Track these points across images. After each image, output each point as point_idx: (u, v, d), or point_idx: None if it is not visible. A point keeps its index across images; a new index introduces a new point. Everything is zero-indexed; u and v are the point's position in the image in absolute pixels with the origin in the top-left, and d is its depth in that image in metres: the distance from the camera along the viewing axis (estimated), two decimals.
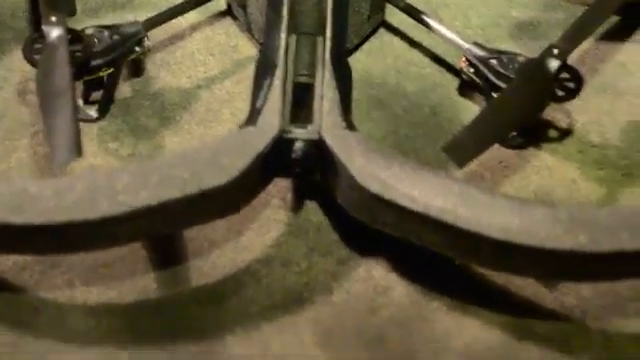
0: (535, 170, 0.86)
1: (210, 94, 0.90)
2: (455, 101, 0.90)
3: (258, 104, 0.74)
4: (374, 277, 0.77)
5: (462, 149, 0.74)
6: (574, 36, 0.83)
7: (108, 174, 0.69)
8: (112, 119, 0.87)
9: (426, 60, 0.94)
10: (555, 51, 0.80)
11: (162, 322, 0.72)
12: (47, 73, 0.75)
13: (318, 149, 0.73)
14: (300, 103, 0.77)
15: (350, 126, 0.74)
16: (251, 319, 0.72)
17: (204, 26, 0.96)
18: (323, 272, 0.76)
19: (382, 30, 0.97)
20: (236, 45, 0.95)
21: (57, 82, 0.74)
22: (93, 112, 0.86)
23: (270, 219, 0.79)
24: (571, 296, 0.75)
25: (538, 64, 0.80)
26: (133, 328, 0.71)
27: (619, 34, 0.98)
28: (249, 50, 0.94)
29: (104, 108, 0.86)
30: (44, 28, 0.78)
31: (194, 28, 0.95)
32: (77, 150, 0.70)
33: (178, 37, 0.94)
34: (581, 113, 0.89)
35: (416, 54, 0.95)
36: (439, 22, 0.93)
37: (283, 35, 0.77)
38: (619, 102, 0.93)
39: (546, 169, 0.86)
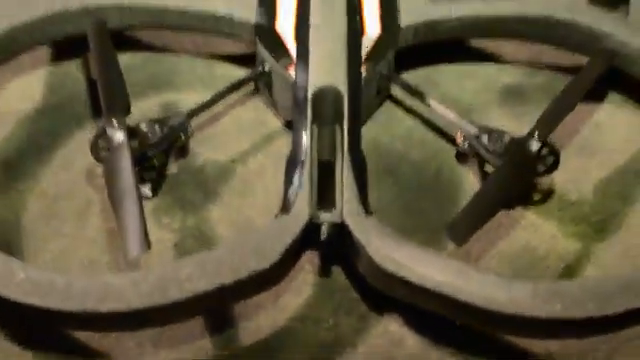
0: (522, 228, 1.01)
1: (244, 167, 1.05)
2: (454, 166, 1.06)
3: (290, 195, 0.90)
4: (390, 331, 0.93)
5: (461, 230, 0.90)
6: (552, 119, 0.99)
7: (174, 266, 0.86)
8: (163, 196, 1.01)
9: (428, 130, 1.09)
10: (536, 134, 0.96)
11: None
12: (113, 173, 0.90)
13: (341, 230, 0.90)
14: (324, 184, 0.93)
15: (367, 211, 0.90)
16: None
17: (236, 105, 1.11)
18: (349, 328, 0.93)
19: (388, 102, 1.13)
20: (264, 120, 1.09)
21: (123, 182, 0.89)
22: (148, 191, 1.01)
23: (303, 282, 0.96)
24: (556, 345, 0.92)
25: (521, 146, 0.96)
26: None
27: (596, 96, 1.14)
28: (275, 124, 1.09)
29: (156, 187, 1.02)
30: (107, 130, 0.94)
31: (227, 107, 1.11)
32: (146, 245, 0.86)
33: (214, 116, 1.09)
34: (561, 173, 1.03)
35: (418, 124, 1.09)
36: (437, 99, 1.08)
37: (307, 136, 0.93)
38: (593, 161, 1.07)
39: (531, 226, 1.01)
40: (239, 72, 1.12)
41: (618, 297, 0.82)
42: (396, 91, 1.11)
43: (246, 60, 1.13)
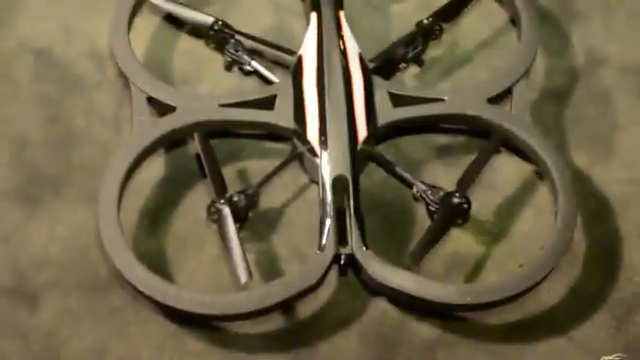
0: (451, 240, 1.69)
1: (289, 209, 1.71)
2: (412, 203, 1.75)
3: (323, 240, 1.63)
4: (380, 306, 1.61)
5: (417, 256, 1.64)
6: (467, 180, 1.73)
7: (263, 288, 1.60)
8: (245, 230, 1.68)
9: (394, 181, 1.77)
10: (456, 194, 1.71)
11: None
12: (225, 235, 1.64)
13: (353, 257, 1.64)
14: (341, 231, 1.62)
15: (367, 246, 1.63)
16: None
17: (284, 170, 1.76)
18: (357, 304, 1.63)
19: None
20: (300, 178, 1.77)
21: (232, 241, 1.62)
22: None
23: (330, 281, 1.69)
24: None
25: (449, 200, 1.70)
26: None
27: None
28: (306, 180, 1.78)
29: (241, 226, 1.73)
30: (217, 206, 1.67)
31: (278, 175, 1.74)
32: (250, 274, 1.60)
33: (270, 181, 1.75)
34: (474, 203, 1.72)
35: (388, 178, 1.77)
36: (398, 157, 1.79)
37: (329, 204, 1.65)
38: (493, 193, 1.73)
39: (457, 239, 1.67)
40: (278, 146, 1.78)
41: (491, 294, 1.57)
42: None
43: (280, 138, 1.78)
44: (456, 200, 1.67)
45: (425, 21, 1.88)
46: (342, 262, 1.60)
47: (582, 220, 1.73)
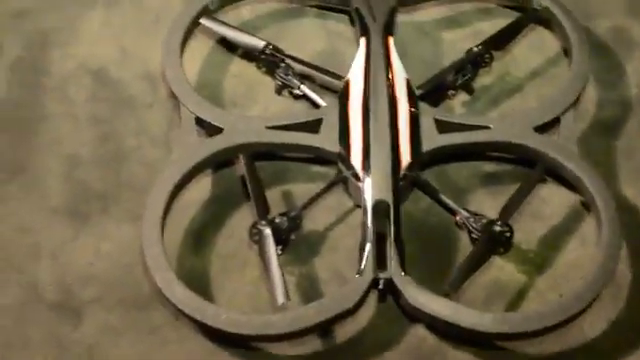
0: (493, 268, 1.67)
1: (333, 233, 1.72)
2: (455, 230, 1.74)
3: (362, 265, 1.63)
4: (419, 333, 1.62)
5: (455, 284, 1.64)
6: (510, 209, 1.72)
7: (301, 309, 1.61)
8: (287, 253, 1.70)
9: (439, 208, 1.78)
10: (498, 222, 1.70)
11: None
12: (265, 256, 1.65)
13: (391, 282, 1.64)
14: (381, 256, 1.63)
15: (405, 272, 1.64)
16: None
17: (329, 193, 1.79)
18: (395, 330, 1.64)
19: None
20: (344, 202, 1.77)
21: (271, 263, 1.63)
22: (279, 250, 1.74)
23: (370, 305, 1.69)
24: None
25: (490, 228, 1.70)
26: None
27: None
28: (350, 204, 1.77)
29: (283, 248, 1.74)
30: (259, 227, 1.69)
31: (322, 198, 1.77)
32: (288, 297, 1.61)
33: (314, 204, 1.78)
34: (517, 232, 1.67)
35: (433, 204, 1.78)
36: (444, 183, 1.80)
37: (371, 229, 1.65)
38: (538, 223, 1.73)
39: (499, 267, 1.67)
40: (322, 169, 1.80)
41: (528, 323, 1.56)
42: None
43: (325, 162, 1.80)
44: (498, 228, 1.66)
45: (475, 49, 1.88)
46: (380, 287, 1.59)
47: (628, 252, 1.71)
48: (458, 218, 1.72)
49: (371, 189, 1.67)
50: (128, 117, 1.91)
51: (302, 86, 1.88)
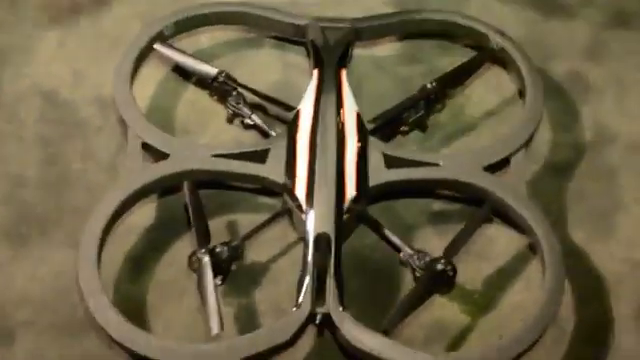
0: (436, 307, 1.67)
1: (275, 265, 1.70)
2: (398, 267, 1.71)
3: (300, 298, 1.60)
4: None
5: (394, 322, 1.60)
6: (453, 248, 1.70)
7: (236, 340, 1.58)
8: (228, 284, 1.68)
9: (385, 244, 1.74)
10: (441, 260, 1.68)
11: None
12: (202, 284, 1.62)
13: (329, 317, 1.61)
14: (319, 290, 1.57)
15: (344, 307, 1.60)
16: None
17: (272, 226, 1.76)
18: None
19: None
20: (288, 234, 1.74)
21: (208, 291, 1.60)
22: (218, 281, 1.69)
23: (308, 339, 1.64)
24: None
25: (432, 266, 1.67)
26: None
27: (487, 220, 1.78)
28: (294, 236, 1.75)
29: (224, 279, 1.72)
30: (198, 255, 1.65)
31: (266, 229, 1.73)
32: (222, 326, 1.58)
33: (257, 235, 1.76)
34: (463, 271, 1.64)
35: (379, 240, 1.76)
36: (390, 221, 1.78)
37: (310, 262, 1.62)
38: (483, 263, 1.71)
39: (442, 306, 1.65)
40: (270, 200, 1.77)
41: None
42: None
43: (273, 193, 1.77)
44: (440, 266, 1.63)
45: (429, 85, 1.86)
46: (317, 321, 1.56)
47: (574, 297, 1.69)
48: (402, 255, 1.70)
49: (313, 221, 1.64)
50: (76, 140, 1.89)
51: (253, 116, 1.86)
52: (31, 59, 2.01)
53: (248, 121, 1.87)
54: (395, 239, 1.70)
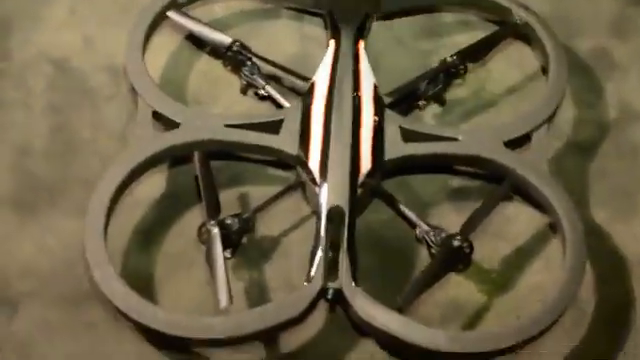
0: (451, 286, 1.61)
1: (287, 239, 1.64)
2: (414, 244, 1.67)
3: (312, 272, 1.56)
4: (366, 348, 1.53)
5: (409, 299, 1.55)
6: (470, 225, 1.65)
7: (246, 313, 1.53)
8: (238, 256, 1.62)
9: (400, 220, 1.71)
10: (458, 237, 1.62)
11: None
12: (211, 256, 1.57)
13: (341, 293, 1.56)
14: (332, 265, 1.53)
15: (357, 283, 1.55)
16: None
17: (284, 197, 1.71)
18: (344, 342, 1.55)
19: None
20: (301, 208, 1.68)
21: (217, 264, 1.56)
22: (228, 254, 1.65)
23: (320, 315, 1.58)
24: None
25: (448, 242, 1.62)
26: None
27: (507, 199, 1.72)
28: (307, 210, 1.68)
29: (234, 252, 1.67)
30: (207, 226, 1.61)
31: (278, 203, 1.68)
32: (231, 300, 1.53)
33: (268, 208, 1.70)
34: (479, 250, 1.59)
35: (395, 216, 1.72)
36: (406, 197, 1.73)
37: (323, 236, 1.57)
38: (501, 242, 1.66)
39: (457, 285, 1.60)
40: (282, 173, 1.73)
41: (482, 344, 1.47)
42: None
43: (286, 166, 1.72)
44: (457, 243, 1.58)
45: (449, 59, 1.80)
46: (329, 297, 1.51)
47: (594, 277, 1.64)
48: (418, 231, 1.65)
49: (327, 194, 1.59)
50: (86, 109, 1.84)
51: (267, 86, 1.81)
52: (40, 26, 1.96)
53: (262, 92, 1.82)
54: (411, 214, 1.65)
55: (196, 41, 1.93)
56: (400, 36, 1.97)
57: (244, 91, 1.85)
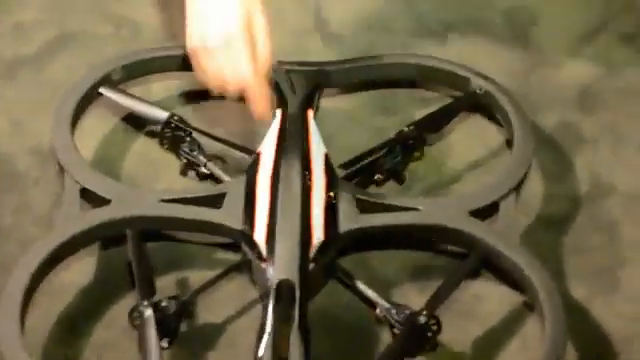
0: None
1: (232, 326, 1.46)
2: (375, 326, 1.50)
3: (259, 353, 1.36)
4: None
5: None
6: (436, 300, 1.47)
7: None
8: (176, 347, 1.44)
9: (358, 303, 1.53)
10: (423, 313, 1.44)
11: None
12: (144, 341, 1.37)
13: None
14: (282, 338, 1.33)
15: None
16: None
17: (229, 280, 1.55)
18: None
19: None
20: (247, 293, 1.53)
21: (150, 347, 1.35)
22: (165, 344, 1.47)
23: None
24: None
25: (412, 321, 1.44)
26: None
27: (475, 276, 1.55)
28: (254, 294, 1.51)
29: (171, 341, 1.47)
30: (140, 308, 1.42)
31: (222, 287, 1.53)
32: None
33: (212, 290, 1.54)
34: (448, 332, 1.43)
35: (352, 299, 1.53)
36: (366, 277, 1.56)
37: (270, 314, 1.38)
38: (473, 323, 1.48)
39: None
40: (226, 256, 1.56)
41: None
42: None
43: (230, 247, 1.56)
44: (423, 319, 1.40)
45: (405, 129, 1.66)
46: None
47: (576, 357, 1.45)
48: (378, 311, 1.47)
49: (275, 268, 1.41)
50: (11, 194, 1.68)
51: (209, 163, 1.66)
52: None
53: (204, 170, 1.66)
54: (370, 292, 1.48)
55: (133, 122, 1.78)
56: (352, 113, 1.83)
57: (184, 172, 1.70)
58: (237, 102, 1.72)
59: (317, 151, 1.60)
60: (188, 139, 1.69)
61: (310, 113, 1.67)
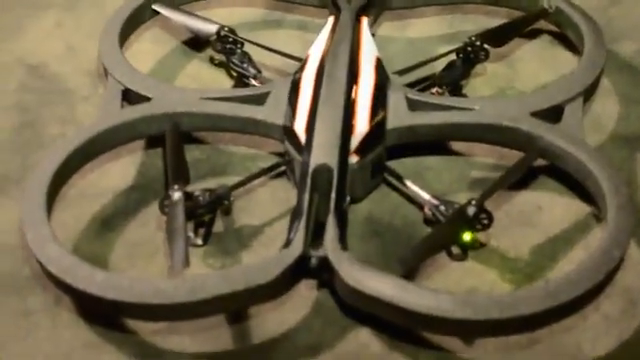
0: (470, 275, 1.36)
1: (270, 229, 1.40)
2: (423, 230, 1.41)
3: (291, 236, 1.27)
4: (359, 338, 1.26)
5: (407, 261, 1.26)
6: (489, 191, 1.35)
7: (203, 276, 1.24)
8: (210, 245, 1.38)
9: (410, 205, 1.45)
10: (473, 202, 1.32)
11: None
12: (171, 220, 1.31)
13: (326, 261, 1.26)
14: (316, 222, 1.25)
15: (344, 248, 1.26)
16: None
17: (269, 183, 1.48)
18: (331, 335, 1.27)
19: (383, 186, 1.47)
20: (289, 197, 1.48)
21: (176, 224, 1.29)
22: (199, 241, 1.39)
23: (300, 301, 1.30)
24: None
25: (461, 210, 1.32)
26: None
27: (539, 185, 1.45)
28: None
29: (206, 238, 1.40)
30: (170, 192, 1.35)
31: (261, 185, 1.47)
32: (186, 263, 1.24)
33: (251, 190, 1.47)
34: (505, 239, 1.34)
35: (404, 201, 1.45)
36: (414, 183, 1.45)
37: (307, 197, 1.31)
38: (532, 231, 1.37)
39: (477, 274, 1.34)
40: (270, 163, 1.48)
41: (498, 310, 1.15)
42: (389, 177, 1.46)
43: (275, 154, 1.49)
44: (472, 210, 1.28)
45: (468, 40, 1.56)
46: (312, 265, 1.23)
47: None
48: (427, 209, 1.35)
49: (313, 154, 1.32)
50: (58, 106, 1.65)
51: (259, 75, 1.58)
52: (21, 37, 1.81)
53: (254, 83, 1.58)
54: (419, 191, 1.37)
55: (192, 45, 1.75)
56: (414, 43, 1.75)
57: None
58: None
59: (368, 54, 1.51)
60: (238, 51, 1.62)
61: (364, 20, 1.58)
